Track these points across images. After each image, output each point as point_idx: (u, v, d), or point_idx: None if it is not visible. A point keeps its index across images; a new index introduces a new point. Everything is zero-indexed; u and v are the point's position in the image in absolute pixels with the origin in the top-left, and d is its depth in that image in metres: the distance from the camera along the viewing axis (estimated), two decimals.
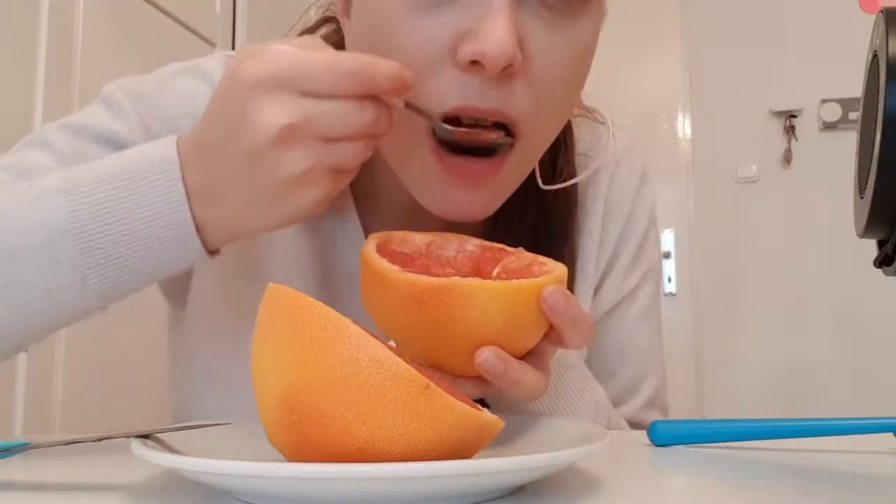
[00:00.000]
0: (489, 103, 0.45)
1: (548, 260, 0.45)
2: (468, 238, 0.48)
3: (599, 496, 0.35)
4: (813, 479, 0.41)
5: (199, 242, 0.44)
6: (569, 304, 0.41)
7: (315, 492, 0.30)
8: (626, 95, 2.66)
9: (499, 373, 0.40)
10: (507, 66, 0.43)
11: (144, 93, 0.56)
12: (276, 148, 0.40)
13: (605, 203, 0.64)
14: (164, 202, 0.43)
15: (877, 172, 0.36)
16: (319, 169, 0.41)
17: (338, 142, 0.41)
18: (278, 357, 0.33)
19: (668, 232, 2.66)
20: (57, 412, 1.33)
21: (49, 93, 1.34)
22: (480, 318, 0.39)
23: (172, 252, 0.44)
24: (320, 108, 0.40)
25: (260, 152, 0.40)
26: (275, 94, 0.39)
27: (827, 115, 2.55)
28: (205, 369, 0.58)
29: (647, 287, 0.66)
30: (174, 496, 0.36)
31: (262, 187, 0.41)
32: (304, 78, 0.39)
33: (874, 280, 0.67)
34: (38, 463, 0.44)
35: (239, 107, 0.40)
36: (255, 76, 0.39)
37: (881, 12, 0.39)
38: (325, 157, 0.41)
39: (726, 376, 2.56)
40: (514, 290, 0.40)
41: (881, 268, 0.41)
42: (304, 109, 0.39)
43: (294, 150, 0.40)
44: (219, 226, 0.44)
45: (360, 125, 0.41)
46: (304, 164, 0.40)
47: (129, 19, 1.60)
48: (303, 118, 0.39)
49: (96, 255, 0.43)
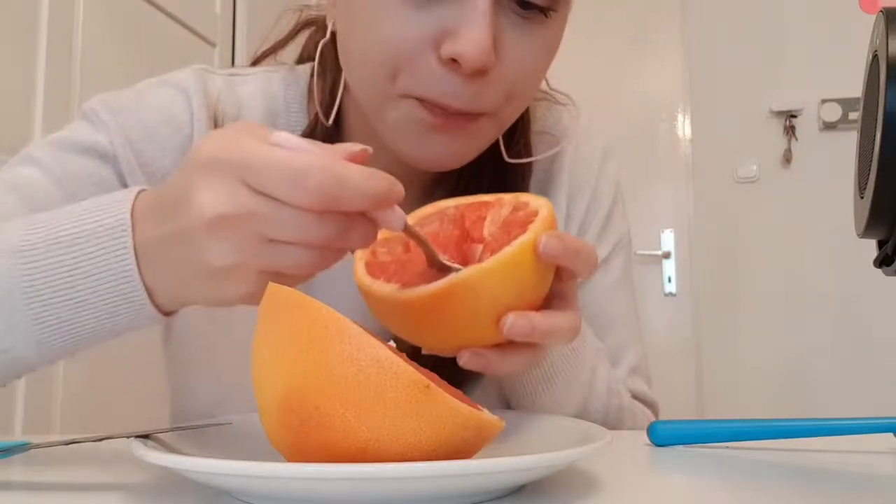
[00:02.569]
0: (460, 102, 0.49)
1: (529, 196, 0.45)
2: (444, 202, 0.48)
3: (599, 496, 0.35)
4: (813, 479, 0.41)
5: (152, 308, 0.42)
6: (565, 243, 0.41)
7: (315, 492, 0.30)
8: (626, 95, 2.66)
9: (527, 331, 0.41)
10: (482, 67, 0.47)
11: (122, 105, 0.57)
12: (208, 235, 0.36)
13: (569, 179, 0.66)
14: (117, 270, 0.41)
15: (877, 172, 0.36)
16: (248, 268, 0.37)
17: (283, 245, 0.37)
18: (278, 357, 0.33)
19: (668, 232, 2.66)
20: (57, 412, 1.33)
21: (49, 93, 1.34)
22: (492, 299, 0.40)
23: (127, 317, 0.42)
24: (268, 209, 0.35)
25: (192, 234, 0.37)
26: (223, 180, 0.36)
27: (827, 115, 2.55)
28: (193, 363, 0.59)
29: (618, 258, 0.68)
30: (174, 496, 0.36)
31: (192, 268, 0.39)
32: (259, 176, 0.35)
33: (874, 280, 0.67)
34: (38, 463, 0.44)
35: (187, 182, 0.37)
36: (211, 156, 0.37)
37: (881, 12, 0.39)
38: (259, 258, 0.37)
39: (726, 376, 2.56)
40: (511, 260, 0.40)
41: (881, 268, 0.41)
42: (249, 205, 0.36)
43: (225, 243, 0.36)
44: (166, 293, 0.42)
45: (314, 236, 0.36)
46: (231, 259, 0.37)
47: (129, 19, 1.60)
48: (244, 212, 0.36)
49: (50, 321, 0.42)
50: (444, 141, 0.51)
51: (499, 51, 0.48)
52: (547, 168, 0.66)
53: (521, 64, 0.50)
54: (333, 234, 0.36)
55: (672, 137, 2.70)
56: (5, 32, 1.27)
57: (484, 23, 0.46)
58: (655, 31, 2.73)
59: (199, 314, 0.59)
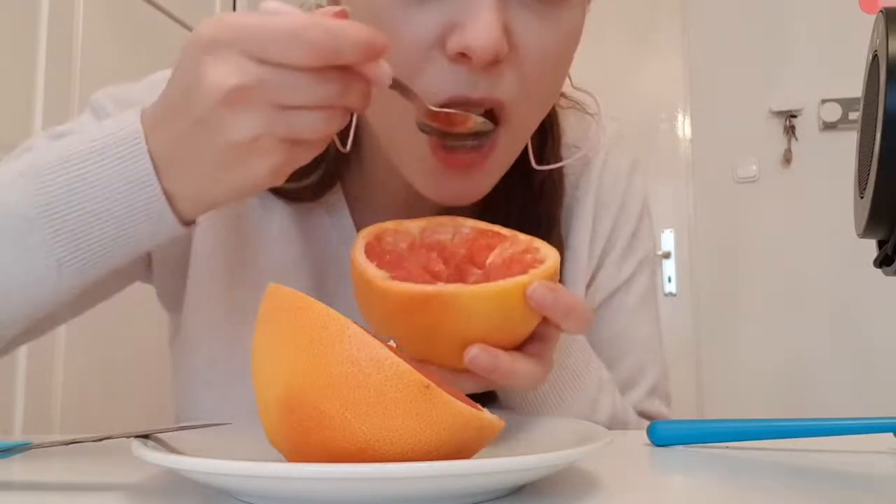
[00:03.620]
0: (479, 92, 0.46)
1: (542, 244, 0.45)
2: (462, 220, 0.48)
3: (599, 496, 0.35)
4: (813, 479, 0.41)
5: (172, 216, 0.42)
6: (557, 297, 0.40)
7: (315, 492, 0.30)
8: (626, 95, 2.66)
9: (489, 368, 0.40)
10: (494, 57, 0.44)
11: (131, 98, 0.56)
12: (225, 110, 0.38)
13: (597, 193, 0.65)
14: (134, 177, 0.41)
15: (877, 172, 0.36)
16: (271, 137, 0.39)
17: (295, 111, 0.38)
18: (278, 357, 0.33)
19: (668, 232, 2.66)
20: (57, 412, 1.33)
21: (49, 93, 1.34)
22: (468, 323, 0.40)
23: (146, 227, 0.43)
24: (276, 75, 0.37)
25: (209, 114, 0.38)
26: (229, 56, 0.37)
27: (827, 115, 2.55)
28: (202, 371, 0.58)
29: (643, 276, 0.66)
30: (174, 496, 0.36)
31: (214, 153, 0.39)
32: (261, 43, 0.37)
33: (874, 280, 0.67)
34: (38, 463, 0.44)
35: (193, 68, 0.38)
36: (211, 37, 0.38)
37: (881, 12, 0.39)
38: (276, 125, 0.38)
39: (726, 376, 2.56)
40: (497, 293, 0.40)
41: (881, 268, 0.40)
42: (258, 74, 0.37)
43: (243, 115, 0.38)
44: (188, 195, 0.42)
45: (320, 96, 0.38)
46: (253, 131, 0.38)
47: (129, 19, 1.60)
48: (255, 81, 0.37)
49: (67, 238, 0.42)
50: (458, 181, 0.50)
51: (512, 37, 0.45)
52: (574, 183, 0.64)
53: (537, 50, 0.47)
54: (337, 93, 0.38)
55: (672, 137, 2.70)
56: (5, 32, 1.27)
57: (491, 9, 0.43)
58: (655, 31, 2.73)
59: (209, 320, 0.58)
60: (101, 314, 0.60)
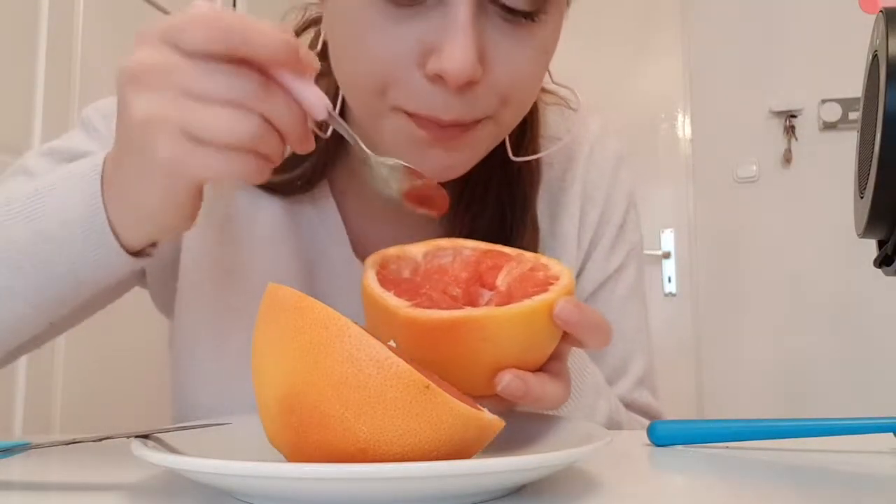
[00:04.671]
0: (451, 114, 0.47)
1: (549, 260, 0.45)
2: (462, 242, 0.47)
3: (599, 496, 0.35)
4: (813, 479, 0.41)
5: (111, 236, 0.43)
6: (583, 314, 0.40)
7: (315, 492, 0.30)
8: (626, 95, 2.66)
9: (521, 394, 0.40)
10: (468, 80, 0.45)
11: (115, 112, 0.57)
12: (130, 89, 0.38)
13: (583, 186, 0.66)
14: (79, 196, 0.43)
15: (877, 172, 0.36)
16: (170, 123, 0.37)
17: (200, 103, 0.37)
18: (278, 357, 0.33)
19: (668, 232, 2.66)
20: (57, 412, 1.33)
21: (49, 93, 1.34)
22: (496, 346, 0.39)
23: (87, 249, 0.44)
24: (186, 62, 0.37)
25: (120, 96, 0.39)
26: (147, 45, 0.38)
27: (827, 115, 2.55)
28: (196, 371, 0.59)
29: (631, 267, 0.67)
30: (174, 496, 0.36)
31: (127, 138, 0.40)
32: (178, 31, 0.37)
33: (874, 280, 0.67)
34: (38, 463, 0.44)
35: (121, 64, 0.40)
36: (141, 31, 0.39)
37: (881, 12, 0.39)
38: (177, 111, 0.37)
39: (726, 376, 2.56)
40: (527, 313, 0.39)
41: (881, 268, 0.40)
42: (169, 59, 0.37)
43: (145, 93, 0.38)
44: (128, 217, 0.44)
45: (227, 88, 0.37)
46: (150, 109, 0.38)
47: (129, 19, 1.60)
48: (164, 65, 0.37)
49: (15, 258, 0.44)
50: (440, 154, 0.50)
51: (486, 60, 0.47)
52: (560, 177, 0.65)
53: (512, 70, 0.48)
54: (248, 93, 0.37)
55: (672, 137, 2.70)
56: (5, 32, 1.27)
57: (466, 36, 0.44)
58: (655, 31, 2.73)
59: (202, 318, 0.58)
60: (101, 315, 0.61)
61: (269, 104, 0.39)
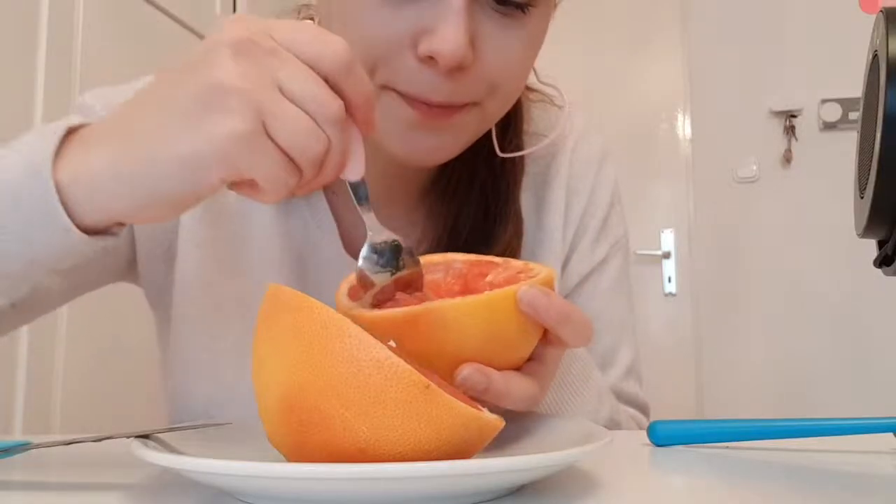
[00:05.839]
0: (440, 96, 0.49)
1: (536, 265, 0.44)
2: (453, 256, 0.48)
3: (599, 496, 0.35)
4: (813, 479, 0.41)
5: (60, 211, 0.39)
6: (550, 300, 0.40)
7: (315, 492, 0.30)
8: (626, 95, 2.66)
9: (481, 388, 0.39)
10: (459, 63, 0.47)
11: (118, 100, 0.56)
12: (228, 50, 0.36)
13: (568, 180, 0.67)
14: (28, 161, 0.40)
15: (877, 172, 0.36)
16: (250, 101, 0.35)
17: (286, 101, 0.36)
18: (279, 357, 0.33)
19: (668, 232, 2.66)
20: (57, 412, 1.33)
21: (49, 93, 1.34)
22: (458, 336, 0.39)
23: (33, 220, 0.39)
24: (289, 55, 0.37)
25: (210, 52, 0.36)
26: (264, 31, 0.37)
27: (827, 115, 2.55)
28: (192, 363, 0.59)
29: (615, 260, 0.68)
30: (174, 496, 0.36)
31: (185, 94, 0.36)
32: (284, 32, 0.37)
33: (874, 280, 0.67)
34: (38, 463, 0.44)
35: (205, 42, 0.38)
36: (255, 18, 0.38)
37: (881, 12, 0.39)
38: (262, 93, 0.36)
39: (726, 376, 2.55)
40: (485, 301, 0.39)
41: (881, 268, 0.41)
42: (274, 45, 0.37)
43: (242, 59, 0.36)
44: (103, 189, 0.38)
45: (317, 104, 0.36)
46: (240, 78, 0.35)
47: (129, 19, 1.60)
48: (268, 47, 0.36)
49: None
50: (428, 136, 0.51)
51: (477, 46, 0.48)
52: (544, 171, 0.66)
53: (501, 58, 0.50)
54: (332, 119, 0.37)
55: (672, 137, 2.70)
56: (5, 32, 1.27)
57: (459, 20, 0.46)
58: (655, 31, 2.72)
59: (197, 313, 0.59)
60: (100, 314, 0.61)
61: (338, 139, 0.38)
